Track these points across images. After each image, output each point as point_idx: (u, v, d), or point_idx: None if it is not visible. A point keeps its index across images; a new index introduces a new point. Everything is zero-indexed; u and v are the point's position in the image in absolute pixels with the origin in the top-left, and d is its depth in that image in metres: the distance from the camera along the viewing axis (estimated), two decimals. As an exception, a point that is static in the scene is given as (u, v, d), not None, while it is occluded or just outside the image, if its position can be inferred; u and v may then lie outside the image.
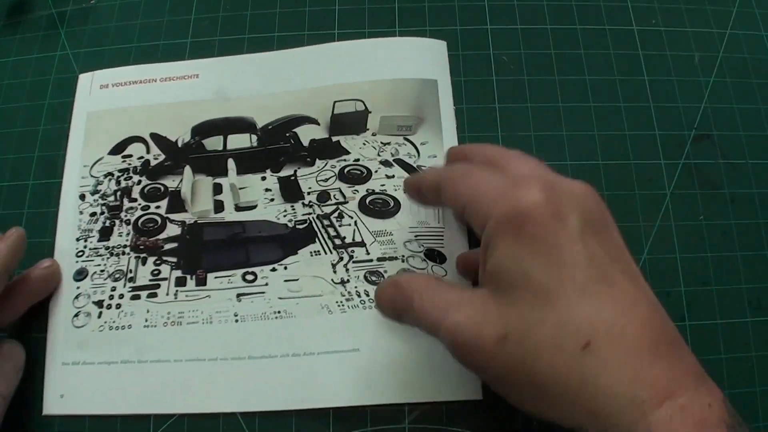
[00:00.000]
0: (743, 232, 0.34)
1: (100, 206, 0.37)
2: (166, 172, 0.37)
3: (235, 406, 0.32)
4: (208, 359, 0.33)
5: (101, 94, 0.39)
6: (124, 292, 0.35)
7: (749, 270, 0.33)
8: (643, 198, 0.35)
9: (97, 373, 0.33)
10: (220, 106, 0.38)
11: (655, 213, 0.35)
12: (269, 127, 0.37)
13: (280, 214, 0.35)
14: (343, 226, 0.35)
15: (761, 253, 0.34)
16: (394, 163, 0.36)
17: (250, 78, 0.39)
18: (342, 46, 0.39)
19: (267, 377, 0.32)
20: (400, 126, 0.36)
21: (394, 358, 0.32)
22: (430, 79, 0.37)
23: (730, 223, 0.34)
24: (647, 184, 0.35)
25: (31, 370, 0.33)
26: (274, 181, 0.36)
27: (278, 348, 0.32)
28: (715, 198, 0.35)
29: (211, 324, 0.33)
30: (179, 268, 0.35)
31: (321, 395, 0.31)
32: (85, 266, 0.35)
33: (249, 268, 0.34)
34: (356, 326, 0.32)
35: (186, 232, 0.36)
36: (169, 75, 0.39)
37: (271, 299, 0.33)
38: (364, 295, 0.33)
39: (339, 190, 0.36)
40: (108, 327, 0.34)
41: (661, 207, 0.35)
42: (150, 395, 0.32)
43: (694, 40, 0.39)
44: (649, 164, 0.36)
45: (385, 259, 0.34)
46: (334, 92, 0.37)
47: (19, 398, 0.33)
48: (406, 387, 0.31)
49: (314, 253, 0.34)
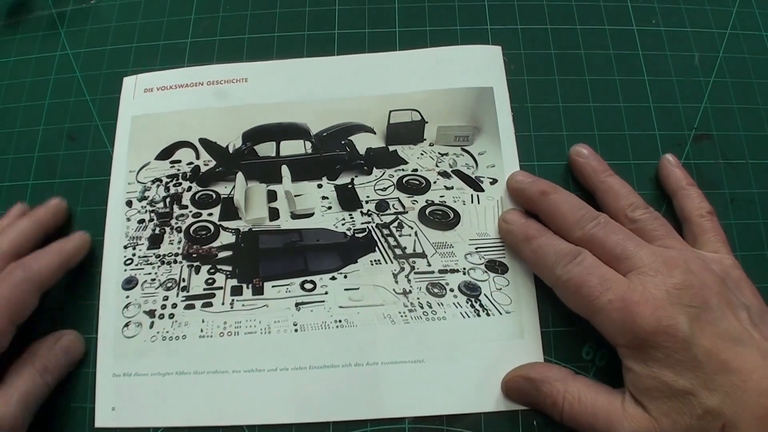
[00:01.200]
0: (743, 232, 0.35)
1: (148, 213, 0.36)
2: (217, 179, 0.37)
3: (296, 416, 0.31)
4: (267, 370, 0.32)
5: (146, 98, 0.38)
6: (178, 301, 0.34)
7: (749, 270, 0.33)
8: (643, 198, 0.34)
9: (150, 384, 0.32)
10: (271, 111, 0.38)
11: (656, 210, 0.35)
12: (324, 134, 0.37)
13: (338, 223, 0.35)
14: (403, 236, 0.35)
15: (761, 253, 0.34)
16: (452, 174, 0.36)
17: (302, 83, 0.38)
18: (397, 56, 0.38)
19: (329, 387, 0.32)
20: (457, 136, 0.36)
21: (460, 369, 0.32)
22: (486, 87, 0.37)
23: (730, 223, 0.35)
24: (647, 184, 0.36)
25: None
26: (331, 189, 0.36)
27: (340, 358, 0.32)
28: (715, 198, 0.35)
29: (269, 334, 0.33)
30: (235, 276, 0.34)
31: (386, 405, 0.31)
32: (135, 275, 0.34)
33: (307, 276, 0.34)
34: (420, 337, 0.32)
35: (241, 240, 0.35)
36: (217, 78, 0.38)
37: (331, 308, 0.33)
38: (427, 306, 0.33)
39: (398, 200, 0.36)
40: (161, 337, 0.33)
41: (661, 207, 0.35)
42: (208, 407, 0.32)
43: (694, 40, 0.39)
44: (649, 164, 0.36)
45: (446, 272, 0.34)
46: (389, 101, 0.37)
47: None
48: (473, 398, 0.31)
49: (374, 262, 0.34)
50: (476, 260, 0.34)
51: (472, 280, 0.33)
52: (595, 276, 0.28)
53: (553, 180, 0.34)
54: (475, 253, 0.34)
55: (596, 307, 0.27)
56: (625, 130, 0.37)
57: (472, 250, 0.34)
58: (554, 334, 0.32)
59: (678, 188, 0.34)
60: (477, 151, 0.36)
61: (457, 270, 0.34)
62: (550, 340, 0.32)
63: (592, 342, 0.29)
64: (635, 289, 0.27)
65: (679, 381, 0.25)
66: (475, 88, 0.37)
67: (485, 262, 0.34)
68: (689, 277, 0.27)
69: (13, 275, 0.31)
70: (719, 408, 0.25)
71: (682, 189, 0.33)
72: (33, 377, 0.30)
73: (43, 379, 0.31)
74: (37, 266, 0.32)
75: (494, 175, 0.35)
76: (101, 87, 0.39)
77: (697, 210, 0.32)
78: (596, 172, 0.33)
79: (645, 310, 0.26)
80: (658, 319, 0.26)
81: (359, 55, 0.39)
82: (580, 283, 0.28)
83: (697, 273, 0.27)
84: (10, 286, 0.30)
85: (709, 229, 0.32)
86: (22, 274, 0.31)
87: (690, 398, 0.25)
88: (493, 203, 0.35)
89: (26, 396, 0.30)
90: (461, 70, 0.38)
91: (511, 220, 0.33)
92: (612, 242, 0.29)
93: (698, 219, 0.32)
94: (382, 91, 0.37)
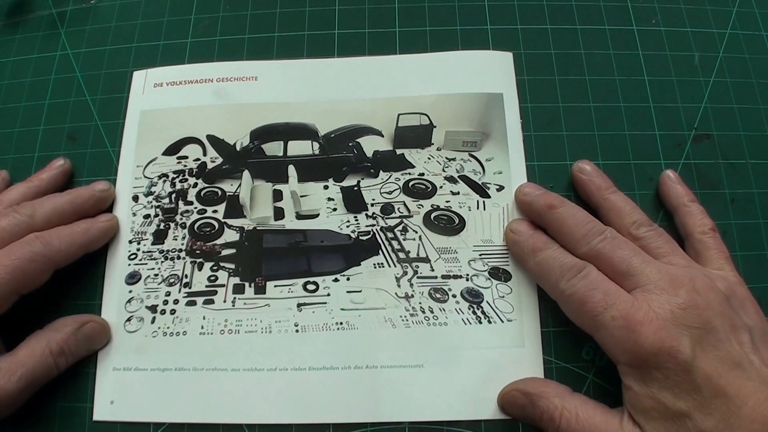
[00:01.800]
0: (743, 232, 0.35)
1: (154, 208, 0.36)
2: (223, 176, 0.37)
3: (296, 417, 0.31)
4: (267, 369, 0.32)
5: (155, 93, 0.38)
6: (179, 297, 0.34)
7: (749, 270, 0.33)
8: (643, 198, 0.35)
9: (150, 379, 0.32)
10: (279, 110, 0.38)
11: (655, 213, 0.35)
12: (332, 136, 0.37)
13: (343, 225, 0.35)
14: (408, 240, 0.35)
15: (761, 253, 0.34)
16: (459, 180, 0.36)
17: (311, 84, 0.38)
18: (407, 59, 0.38)
19: (329, 389, 0.32)
20: (465, 142, 0.36)
21: (460, 375, 0.32)
22: (496, 93, 0.37)
23: (730, 223, 0.35)
24: (647, 184, 0.36)
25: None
26: (337, 190, 0.36)
27: (340, 360, 0.32)
28: (715, 198, 0.35)
29: (270, 333, 0.33)
30: (237, 274, 0.34)
31: (385, 409, 0.31)
32: (138, 269, 0.35)
33: (310, 277, 0.34)
34: (421, 342, 0.32)
35: (245, 239, 0.35)
36: (227, 76, 0.38)
37: (333, 310, 0.33)
38: (429, 311, 0.33)
39: (403, 204, 0.35)
40: (162, 333, 0.33)
41: (661, 207, 0.35)
42: (207, 404, 0.32)
43: (694, 40, 0.39)
44: (649, 164, 0.36)
45: (449, 277, 0.33)
46: (398, 104, 0.37)
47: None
48: (472, 405, 0.31)
49: (378, 265, 0.34)
50: (480, 267, 0.34)
51: (475, 286, 0.33)
52: (599, 291, 0.28)
53: (553, 179, 0.35)
54: (479, 259, 0.34)
55: (599, 323, 0.27)
56: (625, 130, 0.37)
57: (476, 257, 0.34)
58: (554, 334, 0.32)
59: (679, 205, 0.33)
60: (485, 158, 0.36)
61: (460, 276, 0.33)
62: (550, 340, 0.32)
63: (592, 342, 0.29)
64: (640, 307, 0.27)
65: (677, 403, 0.25)
66: (484, 93, 0.37)
67: (489, 269, 0.34)
68: (694, 297, 0.27)
69: (31, 247, 0.30)
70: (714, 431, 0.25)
71: (684, 206, 0.33)
72: (44, 358, 0.30)
73: (56, 361, 0.30)
74: (57, 244, 0.31)
75: (501, 182, 0.35)
76: (101, 87, 0.39)
77: (699, 227, 0.32)
78: (600, 190, 0.33)
79: (648, 329, 0.26)
80: (661, 340, 0.26)
81: (368, 58, 0.39)
82: (583, 298, 0.28)
83: (703, 293, 0.27)
84: (24, 258, 0.30)
85: (712, 246, 0.31)
86: (41, 248, 0.30)
87: (686, 420, 0.25)
88: (499, 210, 0.35)
89: (31, 374, 0.29)
90: (471, 76, 0.37)
91: (518, 230, 0.33)
92: (618, 258, 0.29)
93: (701, 236, 0.32)
94: (391, 93, 0.37)
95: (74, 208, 0.34)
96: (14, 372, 0.29)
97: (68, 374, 0.32)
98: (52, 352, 0.30)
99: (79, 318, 0.32)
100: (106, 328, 0.33)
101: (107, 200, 0.35)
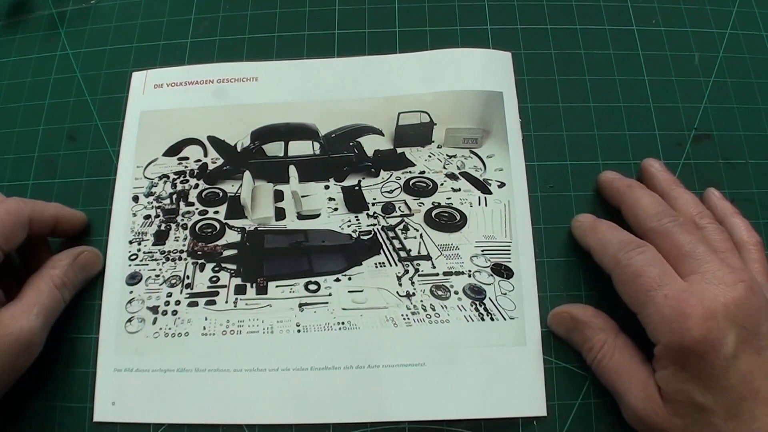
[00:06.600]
0: None
1: (154, 209, 0.36)
2: (224, 177, 0.37)
3: (297, 417, 0.31)
4: (269, 369, 0.32)
5: (155, 94, 0.38)
6: (181, 298, 0.34)
7: None
8: None
9: (151, 380, 0.32)
10: (280, 111, 0.38)
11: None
12: (332, 136, 0.37)
13: (344, 224, 0.35)
14: (409, 238, 0.34)
15: None
16: (460, 176, 0.36)
17: (312, 84, 0.38)
18: (406, 57, 0.38)
19: (330, 389, 0.31)
20: (466, 139, 0.36)
21: (461, 374, 0.31)
22: (496, 91, 0.37)
23: None
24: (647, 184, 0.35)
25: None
26: (338, 190, 0.36)
27: (342, 359, 0.32)
28: None
29: (272, 334, 0.33)
30: (239, 275, 0.34)
31: (386, 408, 0.31)
32: (139, 270, 0.34)
33: (312, 277, 0.34)
34: (422, 340, 0.32)
35: (246, 239, 0.35)
36: (227, 77, 0.39)
37: (334, 310, 0.33)
38: (430, 309, 0.33)
39: (404, 202, 0.35)
40: (164, 334, 0.33)
41: None
42: (208, 405, 0.32)
43: (694, 40, 0.39)
44: None
45: (451, 274, 0.33)
46: (398, 103, 0.37)
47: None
48: (473, 403, 0.31)
49: (379, 264, 0.34)
50: (482, 263, 0.33)
51: (478, 282, 0.33)
52: (656, 268, 0.27)
53: (553, 179, 0.35)
54: (481, 255, 0.34)
55: (649, 298, 0.27)
56: (625, 130, 0.37)
57: (478, 253, 0.34)
58: (554, 334, 0.32)
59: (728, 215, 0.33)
60: (485, 154, 0.36)
61: (462, 272, 0.33)
62: (551, 340, 0.32)
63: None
64: (694, 292, 0.26)
65: (703, 397, 0.25)
66: (484, 91, 0.37)
67: (491, 265, 0.33)
68: (750, 296, 0.26)
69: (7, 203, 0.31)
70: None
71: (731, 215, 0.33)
72: (52, 292, 0.31)
73: (61, 293, 0.31)
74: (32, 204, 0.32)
75: (502, 178, 0.35)
76: (101, 87, 0.39)
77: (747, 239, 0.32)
78: (668, 182, 0.33)
79: (697, 316, 0.26)
80: (708, 330, 0.25)
81: (367, 57, 0.39)
82: (639, 271, 0.28)
83: (758, 295, 0.27)
84: None
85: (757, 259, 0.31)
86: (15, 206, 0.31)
87: (706, 416, 0.25)
88: (500, 206, 0.35)
89: (45, 310, 0.30)
90: (470, 73, 0.37)
91: (584, 218, 0.33)
92: (684, 240, 0.28)
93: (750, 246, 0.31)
94: (391, 92, 0.37)
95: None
96: (30, 311, 0.29)
97: (68, 374, 0.33)
98: (56, 286, 0.31)
99: (73, 251, 0.33)
100: (99, 255, 0.34)
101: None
